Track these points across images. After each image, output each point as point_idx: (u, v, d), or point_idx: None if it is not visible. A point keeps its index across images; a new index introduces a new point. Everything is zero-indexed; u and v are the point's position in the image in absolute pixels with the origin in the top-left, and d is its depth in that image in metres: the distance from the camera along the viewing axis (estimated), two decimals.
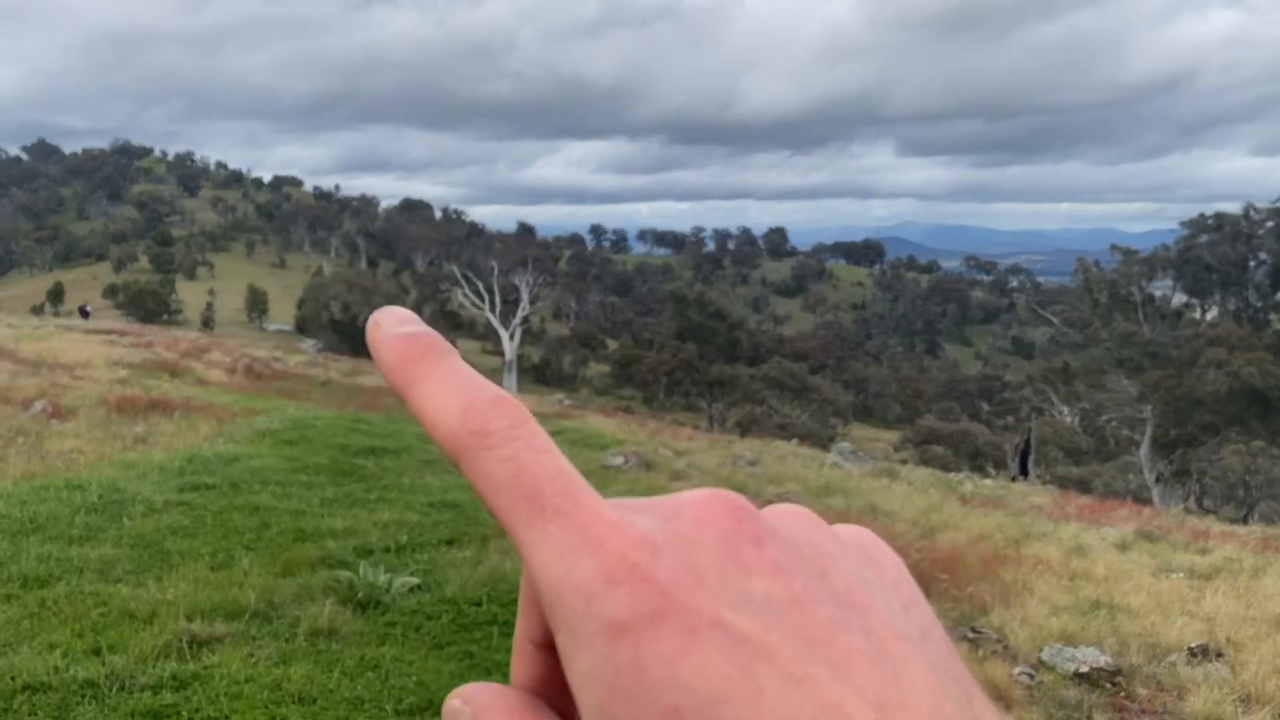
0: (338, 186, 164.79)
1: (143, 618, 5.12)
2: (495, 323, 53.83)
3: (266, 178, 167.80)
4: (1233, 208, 47.07)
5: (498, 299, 53.54)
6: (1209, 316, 42.34)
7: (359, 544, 6.76)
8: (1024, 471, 30.11)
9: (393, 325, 0.28)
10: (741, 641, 0.24)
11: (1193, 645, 5.83)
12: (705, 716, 0.23)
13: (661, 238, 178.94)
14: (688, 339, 50.98)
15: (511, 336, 52.17)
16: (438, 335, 0.28)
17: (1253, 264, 43.34)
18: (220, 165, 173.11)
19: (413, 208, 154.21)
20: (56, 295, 76.95)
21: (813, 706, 0.23)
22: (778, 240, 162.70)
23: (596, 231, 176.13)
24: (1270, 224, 42.68)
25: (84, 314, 41.13)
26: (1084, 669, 5.36)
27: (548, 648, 0.29)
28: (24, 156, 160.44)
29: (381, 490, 8.61)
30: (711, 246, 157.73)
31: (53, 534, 6.62)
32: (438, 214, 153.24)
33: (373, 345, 0.28)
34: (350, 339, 52.40)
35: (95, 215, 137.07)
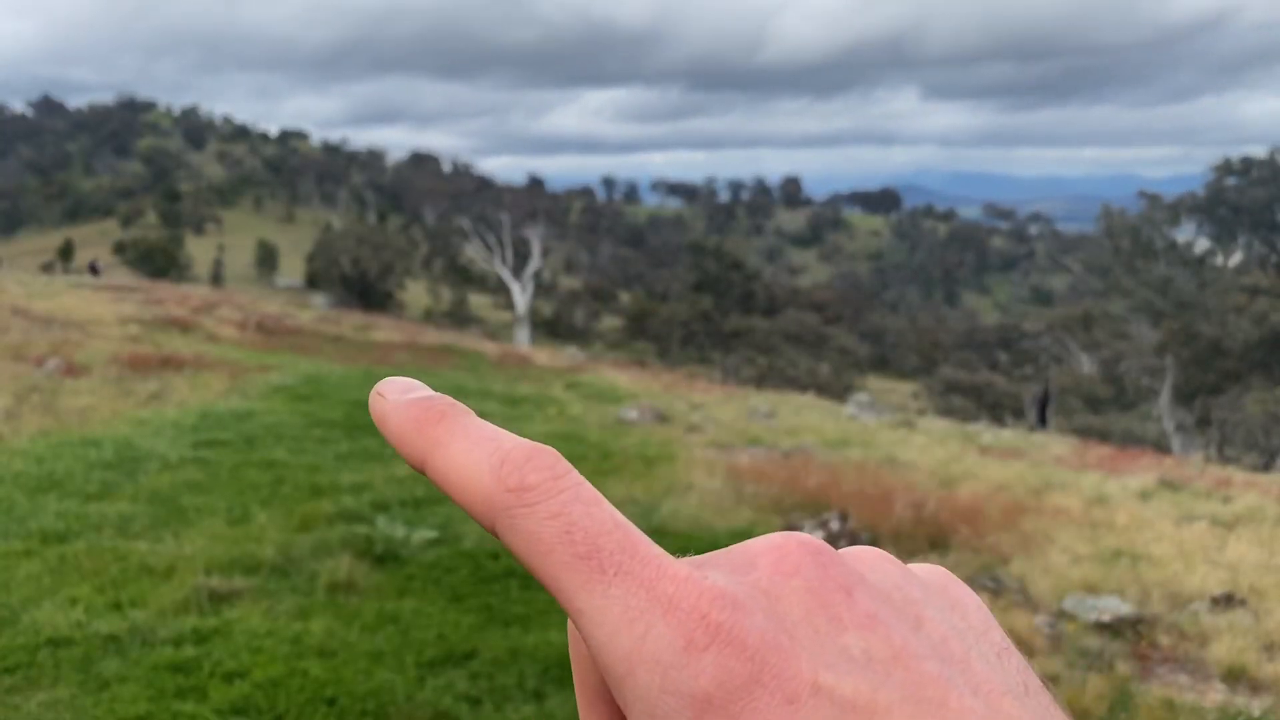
0: (345, 139, 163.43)
1: (161, 572, 5.13)
2: (507, 276, 53.60)
3: (274, 131, 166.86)
4: (1260, 150, 46.18)
5: (509, 252, 53.26)
6: (1232, 262, 41.70)
7: (375, 498, 6.75)
8: (1042, 421, 29.96)
9: (399, 393, 0.25)
10: (849, 707, 0.21)
11: (1215, 594, 5.78)
12: None
13: (674, 188, 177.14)
14: (705, 290, 50.75)
15: (523, 290, 52.00)
16: (451, 398, 0.25)
17: None
18: (226, 119, 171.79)
19: (421, 161, 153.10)
20: (66, 252, 77.01)
21: None
22: (792, 190, 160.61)
23: (608, 183, 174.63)
24: None
25: (94, 271, 41.18)
26: (1105, 618, 5.31)
27: None
28: (29, 113, 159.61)
29: None
30: (725, 197, 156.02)
31: (70, 490, 6.63)
32: (446, 167, 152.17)
33: (380, 417, 0.24)
34: (361, 295, 52.36)
35: (102, 171, 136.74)
